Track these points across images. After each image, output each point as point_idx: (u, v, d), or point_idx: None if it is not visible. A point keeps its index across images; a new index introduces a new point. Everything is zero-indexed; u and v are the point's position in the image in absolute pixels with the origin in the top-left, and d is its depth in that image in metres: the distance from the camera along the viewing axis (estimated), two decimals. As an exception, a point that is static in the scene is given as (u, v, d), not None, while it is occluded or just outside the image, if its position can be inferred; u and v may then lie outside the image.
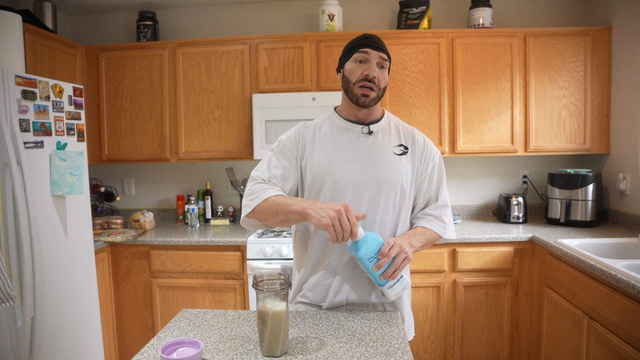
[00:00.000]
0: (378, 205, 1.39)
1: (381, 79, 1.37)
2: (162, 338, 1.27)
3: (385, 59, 1.38)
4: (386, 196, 1.39)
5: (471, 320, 2.65)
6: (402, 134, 1.47)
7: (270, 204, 1.31)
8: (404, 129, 1.49)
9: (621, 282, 1.70)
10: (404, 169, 1.41)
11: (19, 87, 1.92)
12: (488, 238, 2.58)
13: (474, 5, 2.96)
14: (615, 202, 2.83)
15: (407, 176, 1.42)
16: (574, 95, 2.84)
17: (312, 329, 1.29)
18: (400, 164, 1.41)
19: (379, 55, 1.36)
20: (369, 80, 1.35)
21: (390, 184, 1.39)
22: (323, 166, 1.40)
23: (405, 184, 1.41)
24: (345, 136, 1.44)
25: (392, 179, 1.39)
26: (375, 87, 1.36)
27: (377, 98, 1.39)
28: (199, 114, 2.98)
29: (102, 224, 3.00)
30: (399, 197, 1.41)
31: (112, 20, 3.36)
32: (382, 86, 1.39)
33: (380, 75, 1.37)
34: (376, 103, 1.41)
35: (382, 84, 1.38)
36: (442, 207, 1.48)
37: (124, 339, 2.86)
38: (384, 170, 1.39)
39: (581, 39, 2.81)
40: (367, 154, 1.41)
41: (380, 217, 1.40)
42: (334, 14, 2.96)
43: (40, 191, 2.02)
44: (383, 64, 1.38)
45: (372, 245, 1.26)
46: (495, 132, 2.87)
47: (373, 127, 1.44)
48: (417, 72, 2.86)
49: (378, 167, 1.40)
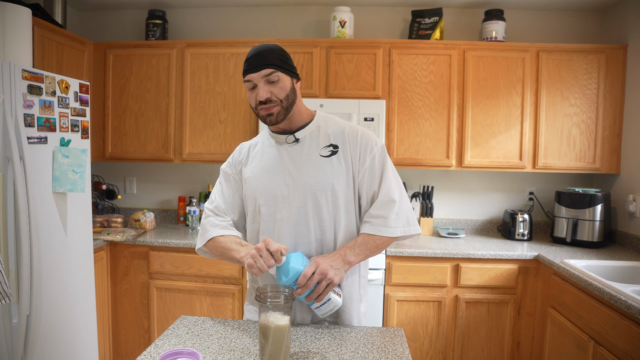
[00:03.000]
0: (310, 213, 1.35)
1: (275, 92, 1.32)
2: (159, 346, 1.23)
3: (269, 73, 1.31)
4: (317, 202, 1.35)
5: (471, 337, 2.60)
6: (331, 133, 1.41)
7: (216, 245, 1.39)
8: (336, 127, 1.42)
9: (632, 308, 1.66)
10: (333, 170, 1.36)
11: (25, 81, 1.89)
12: (492, 255, 2.54)
13: (487, 18, 2.93)
14: (623, 223, 2.79)
15: (338, 177, 1.36)
16: (585, 114, 2.81)
17: (314, 344, 1.25)
18: (328, 165, 1.37)
19: (261, 76, 1.31)
20: (264, 102, 1.32)
21: (320, 189, 1.35)
22: (253, 182, 1.41)
23: (337, 185, 1.36)
24: (272, 149, 1.43)
25: (320, 183, 1.35)
26: (274, 103, 1.33)
27: (285, 109, 1.35)
28: (204, 115, 2.95)
29: (102, 222, 2.97)
30: (330, 201, 1.36)
31: (121, 18, 3.35)
32: (282, 97, 1.33)
33: (273, 90, 1.32)
34: (287, 113, 1.36)
35: (281, 95, 1.33)
36: (386, 204, 1.35)
37: (119, 339, 2.82)
38: (310, 177, 1.36)
39: (595, 56, 2.78)
40: (293, 163, 1.38)
41: (315, 225, 1.36)
42: (345, 21, 2.93)
43: (41, 187, 1.99)
44: (271, 79, 1.31)
45: (291, 274, 1.21)
46: (504, 147, 2.84)
47: (299, 134, 1.41)
48: (427, 83, 2.84)
49: (304, 175, 1.36)
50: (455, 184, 3.23)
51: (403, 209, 1.37)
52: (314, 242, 1.37)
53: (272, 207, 1.38)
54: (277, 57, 1.33)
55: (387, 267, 2.57)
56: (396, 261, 2.57)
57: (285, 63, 1.34)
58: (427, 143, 2.85)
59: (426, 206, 3.04)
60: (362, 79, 2.85)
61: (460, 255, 2.54)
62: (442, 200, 3.24)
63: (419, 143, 2.86)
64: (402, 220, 1.36)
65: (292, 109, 1.38)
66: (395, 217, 1.35)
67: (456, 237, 2.95)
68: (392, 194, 1.36)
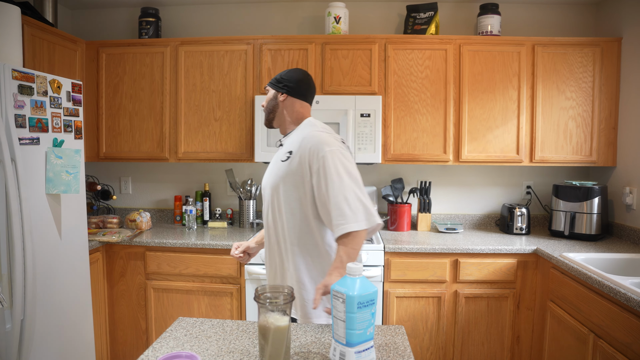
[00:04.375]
0: (271, 206, 1.63)
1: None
2: (157, 349, 1.21)
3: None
4: (274, 198, 1.60)
5: (472, 332, 2.60)
6: (296, 141, 1.59)
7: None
8: (302, 136, 1.59)
9: (631, 300, 1.66)
10: (284, 172, 1.57)
11: (15, 81, 1.86)
12: (491, 249, 2.53)
13: (482, 13, 2.92)
14: (620, 216, 2.79)
15: (287, 178, 1.56)
16: (581, 107, 2.80)
17: (314, 344, 1.24)
18: (282, 168, 1.58)
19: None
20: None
21: (274, 188, 1.60)
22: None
23: (283, 185, 1.56)
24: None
25: (274, 182, 1.60)
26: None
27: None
28: (199, 113, 2.92)
29: (97, 223, 2.94)
30: (281, 197, 1.57)
31: (113, 16, 3.30)
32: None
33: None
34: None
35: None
36: (337, 209, 1.44)
37: (117, 340, 2.80)
38: (272, 177, 1.62)
39: (590, 49, 2.77)
40: (272, 164, 1.67)
41: (274, 217, 1.62)
42: (340, 17, 2.91)
43: (34, 189, 1.96)
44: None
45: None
46: (501, 141, 2.83)
47: (284, 140, 1.70)
48: (423, 78, 2.82)
49: (271, 175, 1.63)
50: (453, 179, 3.22)
51: (349, 208, 1.44)
52: (271, 231, 1.64)
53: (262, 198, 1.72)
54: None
55: (386, 264, 2.56)
56: (395, 257, 2.56)
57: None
58: (424, 138, 2.84)
59: (424, 202, 3.03)
60: (358, 74, 2.83)
61: (459, 250, 2.54)
62: (440, 195, 3.23)
63: (415, 138, 2.84)
64: (359, 214, 1.44)
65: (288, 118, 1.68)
66: (351, 214, 1.43)
67: (454, 232, 2.94)
68: (337, 197, 1.45)
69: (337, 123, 2.74)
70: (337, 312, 1.07)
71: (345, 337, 1.06)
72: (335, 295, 1.08)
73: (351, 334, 1.06)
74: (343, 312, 1.06)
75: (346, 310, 1.05)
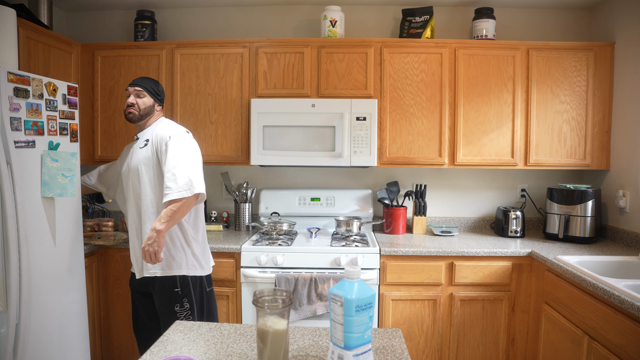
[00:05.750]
0: (132, 188, 2.08)
1: (140, 103, 2.14)
2: (154, 353, 1.21)
3: (140, 89, 2.14)
4: (135, 180, 2.06)
5: (467, 335, 2.61)
6: (153, 133, 2.09)
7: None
8: (158, 129, 2.10)
9: (625, 303, 1.67)
10: (143, 156, 2.05)
11: (11, 84, 1.85)
12: (486, 252, 2.55)
13: (477, 17, 2.94)
14: (614, 219, 2.82)
15: (146, 161, 2.04)
16: (575, 110, 2.83)
17: (312, 347, 1.24)
18: (141, 153, 2.07)
19: (134, 89, 2.14)
20: (130, 106, 2.14)
21: (134, 171, 2.06)
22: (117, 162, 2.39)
23: (142, 166, 2.04)
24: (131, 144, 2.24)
25: (134, 166, 2.06)
26: (135, 109, 2.14)
27: (139, 116, 2.15)
28: (195, 116, 2.92)
29: (92, 226, 2.92)
30: (144, 177, 2.04)
31: (109, 19, 3.30)
32: (142, 107, 2.14)
33: (139, 102, 2.14)
34: (140, 119, 2.16)
35: (142, 106, 2.14)
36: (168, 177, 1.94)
37: (112, 344, 2.78)
38: (131, 162, 2.09)
39: (584, 53, 2.80)
40: (130, 153, 2.15)
41: (135, 196, 2.08)
42: (336, 20, 2.92)
43: (30, 192, 1.95)
44: (139, 94, 2.14)
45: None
46: (496, 144, 2.85)
47: (139, 135, 2.19)
48: (419, 81, 2.84)
49: (131, 161, 2.10)
50: (448, 182, 3.24)
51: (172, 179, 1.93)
52: (134, 208, 2.09)
53: (122, 182, 2.22)
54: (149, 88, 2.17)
55: (381, 267, 2.57)
56: (390, 260, 2.57)
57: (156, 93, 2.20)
58: (420, 142, 2.86)
59: (419, 205, 3.04)
60: (354, 78, 2.84)
61: (455, 253, 2.55)
62: (435, 198, 3.24)
63: (411, 142, 2.86)
64: (181, 185, 1.92)
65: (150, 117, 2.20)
66: (173, 184, 1.92)
67: (450, 235, 2.95)
68: (171, 167, 1.94)
69: (332, 126, 2.75)
70: (335, 315, 1.08)
71: (344, 340, 1.07)
72: (333, 298, 1.08)
73: (349, 337, 1.06)
74: (341, 316, 1.06)
75: (344, 314, 1.06)
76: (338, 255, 2.54)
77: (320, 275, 2.48)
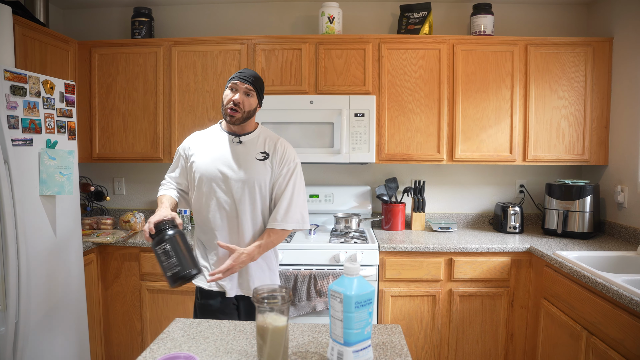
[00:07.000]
0: (240, 200, 1.76)
1: (246, 104, 1.76)
2: (154, 350, 1.21)
3: (251, 89, 1.76)
4: (246, 193, 1.76)
5: (466, 331, 2.61)
6: (267, 144, 1.82)
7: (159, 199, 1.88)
8: (270, 140, 1.83)
9: (623, 297, 1.68)
10: (262, 171, 1.78)
11: (7, 82, 1.84)
12: (485, 248, 2.55)
13: (475, 12, 2.94)
14: (612, 214, 2.83)
15: (264, 177, 1.78)
16: (573, 106, 2.83)
17: (312, 344, 1.24)
18: (260, 167, 1.78)
19: (245, 87, 1.75)
20: (236, 104, 1.74)
21: (250, 184, 1.76)
22: (203, 167, 1.79)
23: (262, 183, 1.77)
24: (221, 144, 1.82)
25: (251, 179, 1.76)
26: (240, 110, 1.75)
27: (242, 118, 1.77)
28: (193, 114, 2.91)
29: (91, 224, 2.92)
30: (257, 194, 1.77)
31: (106, 16, 3.28)
32: (247, 109, 1.77)
33: (245, 100, 1.75)
34: (242, 122, 1.78)
35: (247, 107, 1.76)
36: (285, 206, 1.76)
37: (112, 342, 2.78)
38: (245, 173, 1.76)
39: (582, 49, 2.80)
40: (236, 158, 1.78)
41: (241, 209, 1.76)
42: (334, 17, 2.91)
43: (28, 191, 1.95)
44: (249, 92, 1.76)
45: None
46: (494, 140, 2.85)
47: (243, 138, 1.81)
48: (417, 77, 2.83)
49: (242, 170, 1.76)
50: (447, 178, 3.24)
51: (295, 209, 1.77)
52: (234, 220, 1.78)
53: (212, 189, 1.77)
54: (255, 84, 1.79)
55: (380, 263, 2.57)
56: (390, 257, 2.57)
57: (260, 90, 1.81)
58: (418, 138, 2.85)
59: (418, 201, 3.04)
60: (352, 74, 2.83)
61: (454, 249, 2.55)
62: (434, 194, 3.24)
63: (409, 138, 2.86)
64: (298, 217, 1.78)
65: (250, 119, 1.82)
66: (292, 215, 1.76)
67: (449, 231, 2.96)
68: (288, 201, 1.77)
69: (331, 123, 2.75)
70: (335, 312, 1.08)
71: (343, 337, 1.07)
72: (332, 295, 1.08)
73: (349, 334, 1.06)
74: (341, 312, 1.06)
75: (344, 310, 1.06)
76: (337, 252, 2.54)
77: (320, 271, 2.48)
